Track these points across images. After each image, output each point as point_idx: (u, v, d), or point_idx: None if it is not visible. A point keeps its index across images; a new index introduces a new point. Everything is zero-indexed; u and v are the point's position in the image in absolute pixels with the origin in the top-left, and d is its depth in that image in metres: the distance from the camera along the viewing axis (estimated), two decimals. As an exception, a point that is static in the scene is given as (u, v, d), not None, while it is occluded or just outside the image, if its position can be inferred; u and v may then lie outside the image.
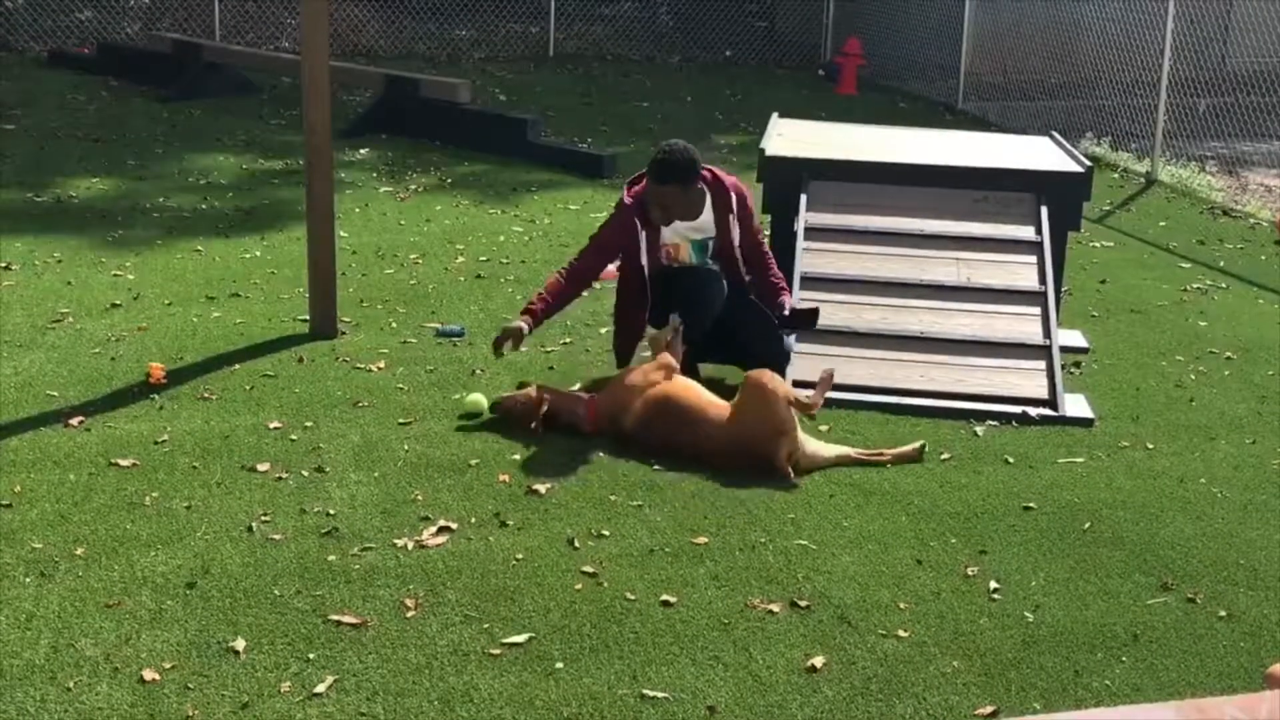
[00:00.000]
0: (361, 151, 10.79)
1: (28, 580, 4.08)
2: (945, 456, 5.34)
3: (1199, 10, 12.92)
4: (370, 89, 12.05)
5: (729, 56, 17.26)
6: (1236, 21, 14.84)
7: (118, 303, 6.81)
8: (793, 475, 5.01)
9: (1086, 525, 4.78)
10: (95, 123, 11.43)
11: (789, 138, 7.41)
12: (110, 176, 9.63)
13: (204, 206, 8.92)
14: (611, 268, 6.89)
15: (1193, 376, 6.46)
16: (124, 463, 4.92)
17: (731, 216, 5.87)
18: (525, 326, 5.70)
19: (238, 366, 5.99)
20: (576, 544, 4.46)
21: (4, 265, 7.34)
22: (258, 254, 7.83)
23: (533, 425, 5.29)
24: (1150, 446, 5.57)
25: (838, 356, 6.03)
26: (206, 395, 5.63)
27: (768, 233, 6.64)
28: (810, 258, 6.47)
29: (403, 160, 10.55)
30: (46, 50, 14.43)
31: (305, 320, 6.55)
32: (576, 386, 5.46)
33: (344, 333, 6.48)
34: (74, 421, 5.29)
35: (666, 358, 5.49)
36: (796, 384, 5.89)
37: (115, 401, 5.53)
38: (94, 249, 7.80)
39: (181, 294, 7.01)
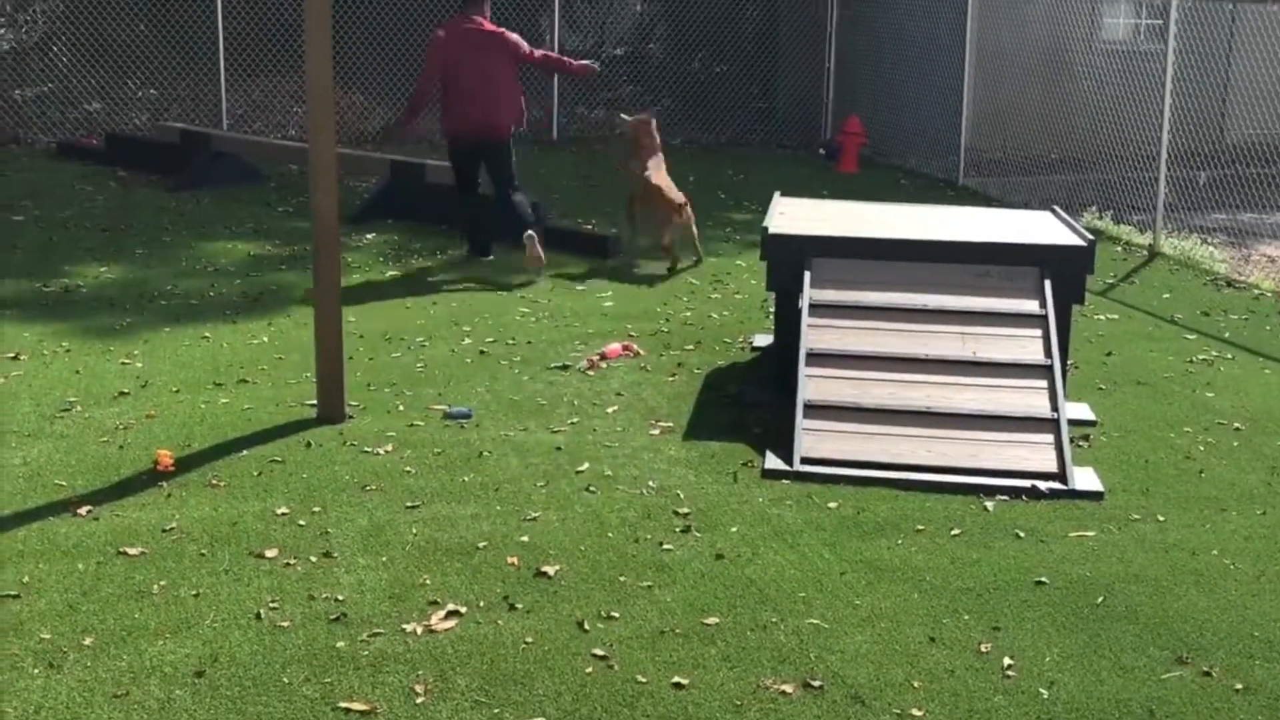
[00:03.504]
0: (368, 236, 10.86)
1: (36, 671, 4.06)
2: (956, 532, 5.32)
3: (1196, 84, 13.02)
4: (376, 175, 12.15)
5: (730, 137, 17.41)
6: (1234, 95, 14.97)
7: (126, 391, 6.83)
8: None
9: (1099, 599, 4.75)
10: (103, 212, 11.52)
11: (791, 215, 7.46)
12: (118, 265, 9.70)
13: (212, 293, 8.97)
14: (617, 346, 7.00)
15: (1201, 448, 6.45)
16: (132, 551, 4.91)
17: None
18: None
19: (246, 452, 5.99)
20: (586, 626, 4.44)
21: (13, 355, 7.37)
22: (265, 340, 7.86)
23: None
24: (1161, 519, 5.54)
25: (845, 432, 6.03)
26: (215, 482, 5.63)
27: (773, 310, 6.67)
28: (815, 334, 6.49)
29: (409, 244, 10.61)
30: (55, 142, 14.58)
31: (313, 405, 6.55)
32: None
33: (351, 416, 6.49)
34: (82, 510, 5.28)
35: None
36: (805, 460, 5.90)
37: (123, 490, 5.53)
38: (102, 337, 7.83)
39: (189, 381, 7.03)
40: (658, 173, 10.20)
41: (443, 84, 9.81)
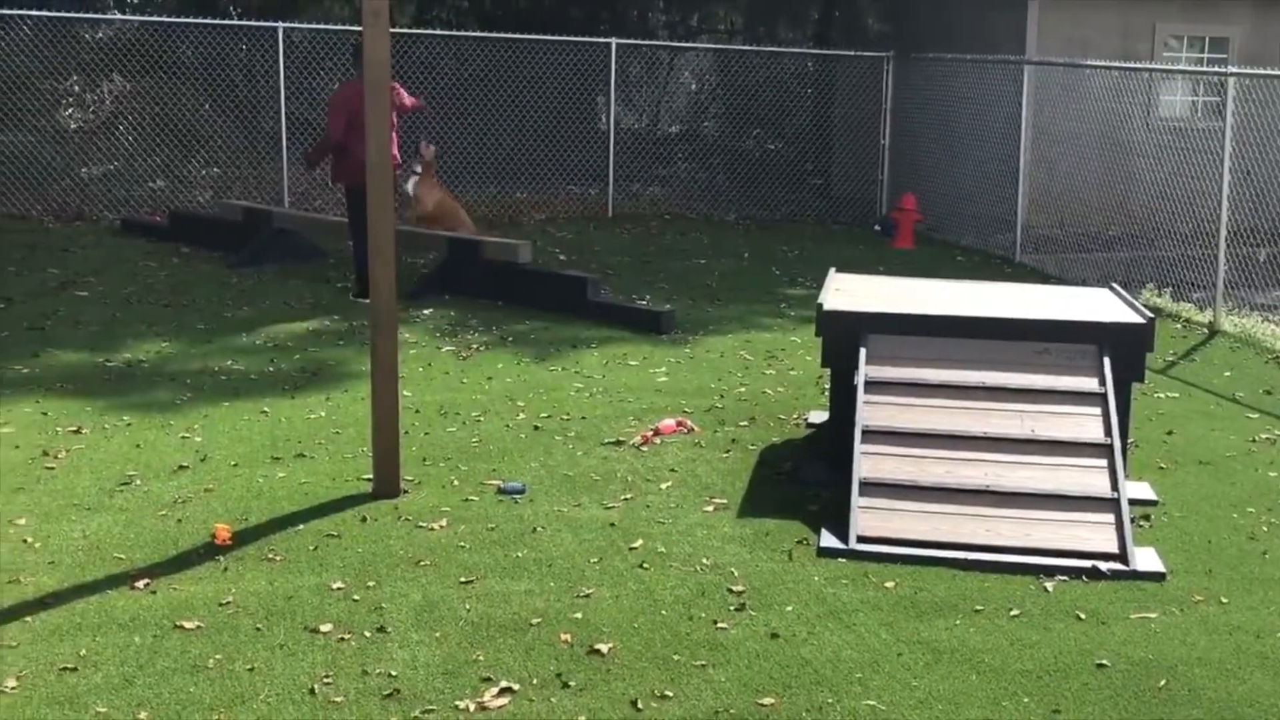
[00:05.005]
0: (425, 311, 10.95)
1: (91, 745, 4.07)
2: (1015, 613, 5.25)
3: (1255, 161, 12.95)
4: (433, 251, 12.28)
5: (785, 213, 17.47)
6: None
7: (185, 464, 6.89)
8: None
9: (1162, 683, 4.67)
10: (166, 288, 11.69)
11: (847, 292, 7.46)
12: (179, 340, 9.82)
13: (270, 368, 9.06)
14: (671, 422, 7.01)
15: (1265, 528, 6.34)
16: (188, 625, 4.94)
17: None
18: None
19: (302, 527, 6.02)
20: (639, 705, 4.40)
21: (75, 429, 7.47)
22: (323, 414, 7.92)
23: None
24: (1225, 601, 5.45)
25: (902, 511, 5.98)
26: (271, 556, 5.66)
27: (828, 386, 6.65)
28: (871, 411, 6.46)
29: (465, 319, 10.70)
30: (120, 219, 14.84)
31: (369, 479, 6.59)
32: None
33: (406, 491, 6.52)
34: (140, 584, 5.32)
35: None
36: (862, 539, 5.85)
37: (181, 563, 5.57)
38: (162, 411, 7.92)
39: (248, 455, 7.09)
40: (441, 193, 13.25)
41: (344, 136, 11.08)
